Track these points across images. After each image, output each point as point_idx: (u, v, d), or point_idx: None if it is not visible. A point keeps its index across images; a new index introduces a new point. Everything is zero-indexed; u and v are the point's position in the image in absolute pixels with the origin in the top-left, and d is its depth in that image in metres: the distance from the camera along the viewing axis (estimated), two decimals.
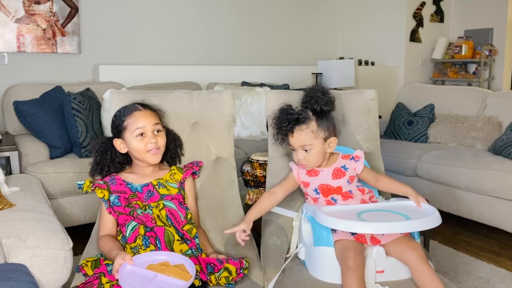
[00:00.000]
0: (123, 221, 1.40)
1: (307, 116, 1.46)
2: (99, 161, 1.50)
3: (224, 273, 1.29)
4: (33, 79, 3.31)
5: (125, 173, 1.52)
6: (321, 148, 1.46)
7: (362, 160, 1.51)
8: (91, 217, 2.59)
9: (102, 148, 1.50)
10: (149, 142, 1.44)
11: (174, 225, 1.41)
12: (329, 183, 1.48)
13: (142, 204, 1.43)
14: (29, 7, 3.25)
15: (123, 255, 1.22)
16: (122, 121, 1.46)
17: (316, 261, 1.41)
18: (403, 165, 3.17)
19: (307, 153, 1.46)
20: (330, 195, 1.48)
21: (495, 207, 2.65)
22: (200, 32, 4.17)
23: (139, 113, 1.46)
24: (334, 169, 1.49)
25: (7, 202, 1.60)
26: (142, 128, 1.44)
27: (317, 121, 1.46)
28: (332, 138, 1.48)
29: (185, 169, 1.56)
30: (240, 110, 3.47)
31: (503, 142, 2.88)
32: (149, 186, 1.47)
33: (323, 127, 1.46)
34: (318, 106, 1.47)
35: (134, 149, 1.46)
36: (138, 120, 1.45)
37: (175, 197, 1.47)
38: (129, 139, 1.45)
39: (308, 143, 1.45)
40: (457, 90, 3.65)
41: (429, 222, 1.29)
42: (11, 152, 2.52)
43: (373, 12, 4.93)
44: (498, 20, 4.67)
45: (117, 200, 1.42)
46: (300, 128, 1.45)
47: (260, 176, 2.02)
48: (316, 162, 1.48)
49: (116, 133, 1.49)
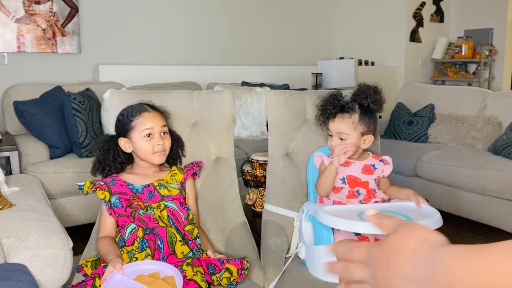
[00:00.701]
0: (122, 223, 1.40)
1: (352, 107, 1.51)
2: (102, 160, 1.49)
3: (225, 273, 1.28)
4: (33, 79, 3.31)
5: (126, 174, 1.51)
6: (356, 141, 1.51)
7: (390, 165, 1.57)
8: (91, 217, 2.59)
9: (105, 146, 1.50)
10: (157, 144, 1.44)
11: (175, 226, 1.41)
12: (358, 176, 1.52)
13: (143, 205, 1.43)
14: (29, 7, 3.25)
15: (114, 263, 1.20)
16: (130, 121, 1.45)
17: (316, 260, 1.41)
18: (403, 165, 3.17)
19: (342, 141, 1.51)
20: (356, 187, 1.50)
21: (495, 207, 2.65)
22: (200, 32, 4.16)
23: (148, 114, 1.46)
24: (364, 164, 1.54)
25: (7, 202, 1.60)
26: (150, 129, 1.44)
27: (360, 115, 1.51)
28: (369, 135, 1.53)
29: (186, 169, 1.56)
30: (240, 110, 3.47)
31: (503, 142, 2.88)
32: (150, 187, 1.47)
33: (364, 123, 1.51)
34: (366, 102, 1.52)
35: (140, 149, 1.45)
36: (146, 121, 1.44)
37: (176, 198, 1.47)
38: (136, 139, 1.45)
39: (345, 132, 1.50)
40: (457, 90, 3.65)
41: (430, 224, 1.29)
42: (11, 152, 2.52)
43: (373, 12, 4.93)
44: (498, 20, 4.67)
45: (118, 201, 1.42)
46: (343, 116, 1.51)
47: (260, 176, 2.02)
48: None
49: (122, 132, 1.48)
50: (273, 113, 1.72)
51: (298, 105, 1.73)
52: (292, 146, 1.73)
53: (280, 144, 1.72)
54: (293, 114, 1.72)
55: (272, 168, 1.71)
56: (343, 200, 1.50)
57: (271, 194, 1.67)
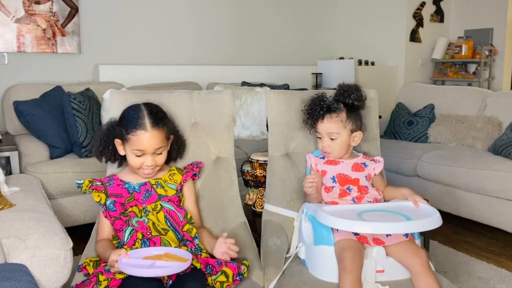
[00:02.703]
0: (119, 226, 1.39)
1: (338, 107, 1.55)
2: (102, 151, 1.49)
3: (220, 277, 1.28)
4: (33, 79, 3.31)
5: (124, 173, 1.50)
6: (347, 139, 1.55)
7: (381, 163, 1.60)
8: (91, 217, 2.59)
9: (105, 138, 1.48)
10: (145, 165, 1.41)
11: (173, 227, 1.40)
12: (348, 174, 1.54)
13: (138, 210, 1.41)
14: (29, 7, 3.25)
15: (117, 251, 1.22)
16: (125, 131, 1.41)
17: (316, 260, 1.41)
18: (403, 165, 3.17)
19: (332, 141, 1.54)
20: (346, 184, 1.51)
21: (495, 207, 2.65)
22: (200, 32, 4.17)
23: (144, 135, 1.38)
24: (354, 163, 1.57)
25: (7, 202, 1.60)
26: (142, 151, 1.40)
27: (347, 113, 1.54)
28: (358, 132, 1.57)
29: (185, 171, 1.54)
30: (240, 110, 3.47)
31: (503, 142, 2.88)
32: (147, 185, 1.46)
33: (352, 120, 1.55)
34: (350, 100, 1.55)
35: (128, 162, 1.44)
36: (140, 142, 1.38)
37: (171, 199, 1.46)
38: (127, 151, 1.43)
39: (335, 131, 1.53)
40: (457, 90, 3.65)
41: (429, 223, 1.29)
42: (11, 152, 2.52)
43: (373, 12, 4.93)
44: (498, 20, 4.67)
45: (112, 205, 1.41)
46: (331, 116, 1.54)
47: (260, 176, 2.01)
48: (340, 151, 1.56)
49: (118, 134, 1.45)
50: (273, 113, 1.72)
51: (298, 105, 1.73)
52: (292, 146, 1.73)
53: (280, 144, 1.72)
54: (293, 114, 1.72)
55: (272, 168, 1.71)
56: (336, 200, 1.51)
57: (271, 194, 1.68)
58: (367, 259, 1.33)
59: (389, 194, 1.57)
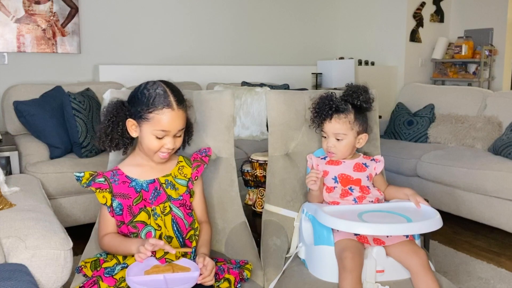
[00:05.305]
0: (126, 231, 1.34)
1: (347, 107, 1.53)
2: (109, 133, 1.34)
3: (224, 283, 1.26)
4: (33, 79, 3.31)
5: (128, 166, 1.40)
6: (352, 141, 1.54)
7: (382, 162, 1.60)
8: (91, 217, 2.60)
9: (114, 118, 1.33)
10: (166, 147, 1.32)
11: (178, 232, 1.37)
12: (349, 174, 1.54)
13: (147, 216, 1.34)
14: (29, 7, 3.25)
15: (140, 246, 1.19)
16: (147, 110, 1.29)
17: (316, 260, 1.41)
18: (403, 165, 3.17)
19: (338, 142, 1.53)
20: (348, 185, 1.51)
21: (495, 207, 2.65)
22: (200, 32, 4.17)
23: (171, 114, 1.29)
24: (355, 163, 1.57)
25: (7, 202, 1.60)
26: (166, 132, 1.30)
27: (355, 114, 1.53)
28: (364, 134, 1.57)
29: (195, 164, 1.46)
30: (240, 110, 3.47)
31: (503, 142, 2.88)
32: (156, 183, 1.38)
33: (359, 122, 1.54)
34: (358, 102, 1.54)
35: (145, 144, 1.33)
36: (165, 122, 1.28)
37: (182, 201, 1.40)
38: (145, 131, 1.31)
39: (343, 132, 1.52)
40: (457, 90, 3.65)
41: (430, 225, 1.29)
42: (11, 152, 2.52)
43: (373, 12, 4.93)
44: (498, 20, 4.67)
45: (118, 209, 1.33)
46: (339, 117, 1.53)
47: (260, 176, 2.01)
48: (345, 152, 1.55)
49: (134, 113, 1.32)
50: (273, 113, 1.72)
51: (298, 105, 1.73)
52: (292, 146, 1.73)
53: (280, 144, 1.72)
54: (293, 114, 1.72)
55: (272, 168, 1.71)
56: (337, 200, 1.51)
57: (271, 194, 1.68)
58: (367, 259, 1.33)
59: (391, 194, 1.57)
